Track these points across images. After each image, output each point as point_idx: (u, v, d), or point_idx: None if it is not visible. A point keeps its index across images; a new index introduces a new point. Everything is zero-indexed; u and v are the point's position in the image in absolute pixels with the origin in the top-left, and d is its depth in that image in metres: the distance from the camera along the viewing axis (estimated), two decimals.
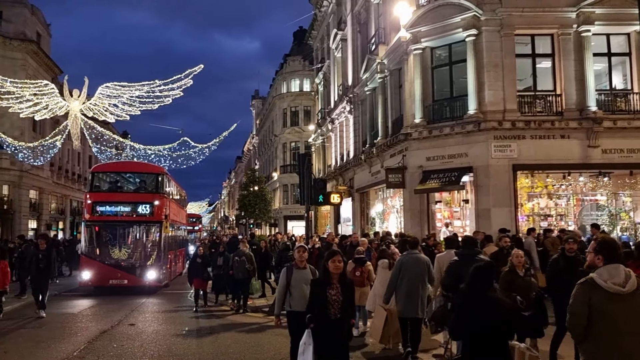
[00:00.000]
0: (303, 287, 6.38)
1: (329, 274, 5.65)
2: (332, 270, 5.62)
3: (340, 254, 5.78)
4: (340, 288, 5.58)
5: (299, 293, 6.40)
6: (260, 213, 46.97)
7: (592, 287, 3.74)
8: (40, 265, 12.75)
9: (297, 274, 6.58)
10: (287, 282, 6.54)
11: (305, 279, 6.47)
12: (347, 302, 5.64)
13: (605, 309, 3.67)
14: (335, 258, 5.67)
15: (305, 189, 14.67)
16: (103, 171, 20.36)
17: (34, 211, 43.45)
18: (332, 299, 5.51)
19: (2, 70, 37.92)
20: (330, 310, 5.49)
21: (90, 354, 8.84)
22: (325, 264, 5.69)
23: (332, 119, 30.73)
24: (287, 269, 6.69)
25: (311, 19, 37.67)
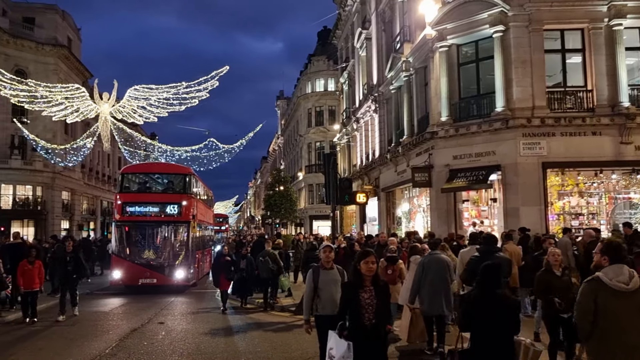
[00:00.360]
0: (331, 289, 6.04)
1: (361, 276, 5.21)
2: (365, 272, 5.19)
3: (373, 254, 5.35)
4: (374, 291, 5.16)
5: (328, 296, 6.05)
6: (285, 213, 47.15)
7: (598, 285, 3.98)
8: (68, 268, 12.60)
9: (325, 275, 6.19)
10: (314, 284, 6.13)
11: (334, 280, 6.13)
12: (382, 306, 5.21)
13: (610, 306, 3.90)
14: (368, 259, 5.21)
15: (331, 189, 14.63)
16: (132, 172, 20.74)
17: (66, 212, 44.60)
18: (365, 302, 5.09)
19: (35, 75, 39.09)
20: (364, 315, 5.07)
21: (122, 352, 9.02)
22: (357, 265, 5.25)
23: (357, 118, 30.66)
24: (313, 271, 6.28)
25: (335, 19, 37.65)
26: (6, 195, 38.96)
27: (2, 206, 38.27)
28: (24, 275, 11.74)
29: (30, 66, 40.30)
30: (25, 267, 11.75)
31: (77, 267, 12.75)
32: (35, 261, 11.98)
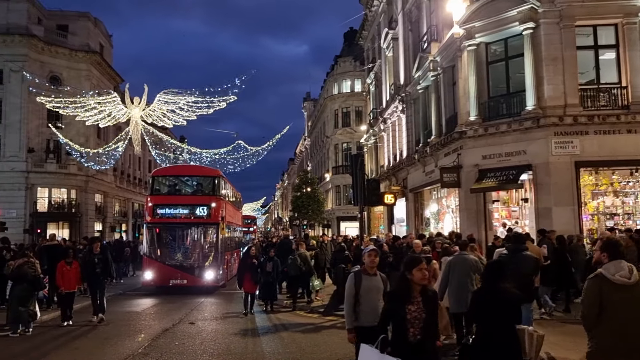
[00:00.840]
0: (373, 298, 5.54)
1: (410, 286, 4.55)
2: (418, 281, 4.53)
3: (424, 260, 4.77)
4: (422, 302, 4.51)
5: (369, 305, 5.51)
6: (313, 214, 47.29)
7: (602, 280, 4.30)
8: (96, 270, 12.19)
9: (367, 281, 5.62)
10: (355, 290, 5.59)
11: (376, 287, 5.62)
12: (430, 320, 4.54)
13: (612, 298, 4.22)
14: (421, 266, 4.54)
15: (359, 190, 14.60)
16: (163, 175, 21.12)
17: (99, 214, 45.68)
18: (412, 316, 4.45)
19: (68, 81, 40.21)
20: (410, 330, 4.45)
21: (154, 351, 9.18)
22: (407, 273, 4.58)
23: (384, 118, 30.53)
24: (355, 276, 5.70)
25: (361, 20, 37.59)
26: (42, 198, 40.14)
27: (39, 209, 39.46)
28: (62, 276, 11.80)
29: (64, 72, 41.46)
30: (63, 268, 11.81)
31: (105, 268, 12.44)
32: (73, 262, 12.02)
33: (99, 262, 12.28)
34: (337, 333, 10.75)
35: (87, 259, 12.35)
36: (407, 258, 4.95)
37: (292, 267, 14.47)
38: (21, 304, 10.73)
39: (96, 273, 12.19)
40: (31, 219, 38.10)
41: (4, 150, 38.53)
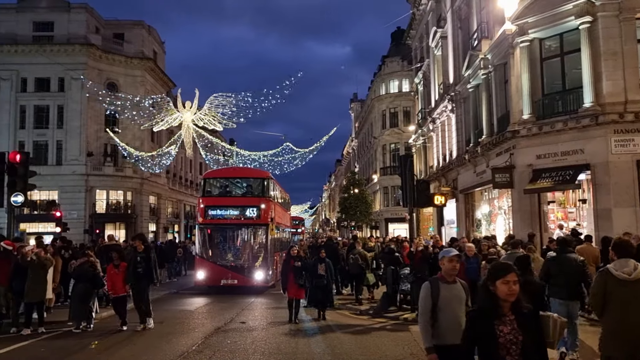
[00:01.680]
0: (455, 310, 4.70)
1: (497, 301, 3.65)
2: (503, 296, 3.62)
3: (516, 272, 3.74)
4: (517, 322, 3.62)
5: (451, 318, 4.65)
6: (361, 215, 47.14)
7: (608, 275, 5.00)
8: (138, 270, 11.25)
9: (447, 291, 4.77)
10: (432, 302, 4.73)
11: (458, 298, 4.79)
12: (531, 344, 3.61)
13: (615, 292, 4.90)
14: (508, 277, 3.63)
15: (408, 191, 14.48)
16: (214, 177, 21.62)
17: (153, 215, 47.24)
18: (505, 339, 3.58)
19: (124, 87, 41.88)
20: (505, 358, 3.57)
21: (207, 349, 9.40)
22: (490, 285, 3.70)
23: (433, 118, 30.08)
24: (431, 285, 4.83)
25: (409, 19, 37.19)
26: (100, 200, 41.92)
27: (97, 210, 41.24)
28: (111, 280, 11.43)
29: (120, 79, 43.18)
30: (111, 272, 11.39)
31: (147, 269, 11.41)
32: (120, 264, 11.43)
33: (141, 261, 11.36)
34: (387, 335, 10.68)
35: (130, 258, 11.60)
36: (492, 266, 3.99)
37: (354, 266, 14.97)
38: (82, 301, 11.24)
39: (138, 273, 11.25)
40: (90, 220, 39.85)
41: (66, 154, 40.49)
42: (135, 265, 11.30)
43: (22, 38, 40.65)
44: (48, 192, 38.79)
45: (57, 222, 26.21)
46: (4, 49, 39.94)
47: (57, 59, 38.96)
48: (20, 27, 40.90)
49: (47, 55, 38.96)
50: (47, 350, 9.45)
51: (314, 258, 13.52)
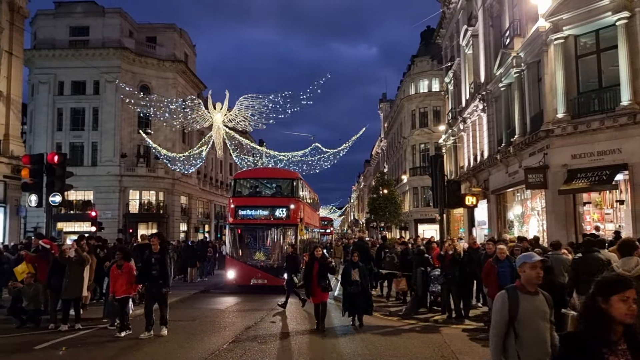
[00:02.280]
0: (538, 326, 3.97)
1: (610, 323, 2.90)
2: (620, 317, 2.90)
3: (633, 286, 3.02)
4: (629, 352, 2.88)
5: (534, 335, 3.94)
6: (390, 216, 46.82)
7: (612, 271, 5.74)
8: (153, 272, 10.31)
9: (528, 302, 4.01)
10: (510, 315, 3.97)
11: (540, 312, 4.03)
12: None
13: None
14: (627, 293, 2.91)
15: (438, 192, 14.32)
16: (244, 178, 21.81)
17: (184, 215, 47.99)
18: None
19: (156, 89, 42.67)
20: None
21: (238, 348, 9.50)
22: (602, 302, 2.95)
23: (463, 118, 29.68)
24: (508, 294, 4.06)
25: (439, 18, 36.80)
26: (133, 200, 42.83)
27: (131, 210, 42.14)
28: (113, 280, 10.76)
29: (152, 81, 44.04)
30: (114, 272, 10.69)
31: (163, 271, 10.46)
32: (124, 264, 10.62)
33: (156, 262, 10.38)
34: (417, 337, 10.59)
35: (145, 258, 10.76)
36: (604, 278, 3.14)
37: (389, 264, 15.13)
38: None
39: (152, 277, 10.33)
40: (124, 220, 40.76)
41: (100, 155, 41.52)
42: (149, 266, 10.42)
43: (60, 42, 41.88)
44: (84, 193, 39.84)
45: (92, 221, 26.87)
46: (42, 54, 41.25)
47: (93, 62, 40.00)
48: (58, 32, 42.15)
49: (83, 59, 40.04)
50: (84, 346, 9.70)
51: (347, 262, 12.40)
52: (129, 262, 10.76)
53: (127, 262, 10.70)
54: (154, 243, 10.65)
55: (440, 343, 9.87)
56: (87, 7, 43.86)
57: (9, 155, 23.94)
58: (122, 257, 10.67)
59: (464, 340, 10.17)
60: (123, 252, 10.90)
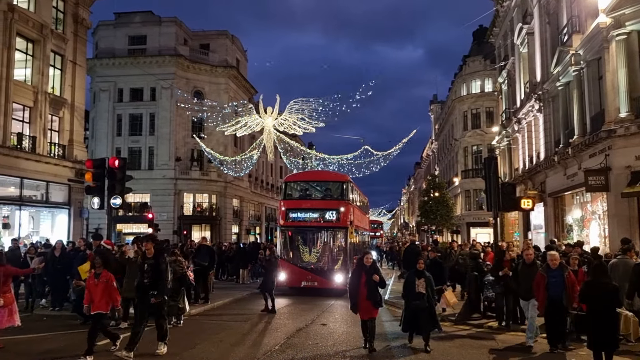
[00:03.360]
0: None
1: None
2: None
3: None
4: None
5: None
6: (441, 219, 46.04)
7: None
8: (144, 281, 8.68)
9: None
10: None
11: None
12: None
13: None
14: None
15: (492, 194, 13.94)
16: (294, 181, 22.03)
17: (236, 217, 48.93)
18: None
19: (209, 94, 43.81)
20: None
21: (290, 349, 9.59)
22: None
23: (518, 119, 28.81)
24: None
25: (491, 16, 35.92)
26: (187, 203, 44.09)
27: (184, 212, 43.38)
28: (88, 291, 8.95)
29: (206, 87, 45.24)
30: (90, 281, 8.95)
31: (157, 280, 8.71)
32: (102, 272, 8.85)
33: (149, 269, 8.71)
34: (471, 343, 10.36)
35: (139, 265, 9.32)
36: None
37: (463, 266, 15.02)
38: (171, 298, 11.85)
39: (143, 285, 8.72)
40: (179, 222, 41.99)
41: (157, 159, 43.01)
42: (141, 274, 8.86)
43: (119, 51, 43.76)
44: (141, 195, 41.33)
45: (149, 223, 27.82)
46: (103, 62, 43.22)
47: (149, 69, 41.55)
48: (117, 41, 44.06)
49: (141, 67, 41.66)
50: (142, 343, 10.04)
51: (410, 271, 10.22)
52: (110, 271, 9.04)
53: (108, 270, 8.98)
54: (147, 247, 8.93)
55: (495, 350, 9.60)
56: (145, 16, 45.63)
57: (73, 160, 25.22)
58: (102, 264, 8.94)
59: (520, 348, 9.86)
60: (103, 258, 9.11)
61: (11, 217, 22.66)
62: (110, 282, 8.81)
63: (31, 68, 23.79)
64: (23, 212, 23.39)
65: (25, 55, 23.51)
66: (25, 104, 23.24)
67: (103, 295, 8.65)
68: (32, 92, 23.47)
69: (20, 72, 23.30)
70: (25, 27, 23.01)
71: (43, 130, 23.82)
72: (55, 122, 25.17)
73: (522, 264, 10.40)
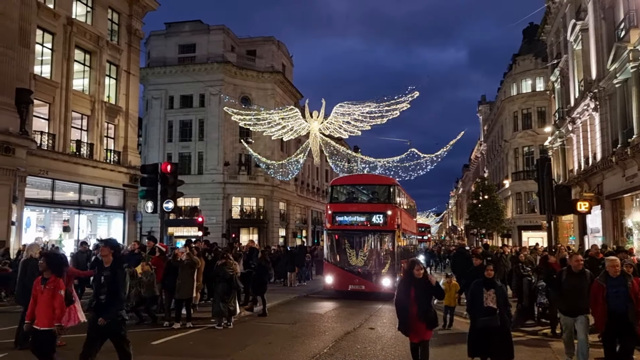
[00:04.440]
0: None
1: None
2: None
3: None
4: None
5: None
6: (492, 223, 44.92)
7: None
8: (99, 298, 6.75)
9: None
10: None
11: None
12: None
13: None
14: None
15: (546, 197, 13.50)
16: (341, 184, 22.04)
17: (283, 221, 49.45)
18: None
19: (256, 100, 44.49)
20: None
21: (338, 352, 9.60)
22: None
23: (572, 118, 27.78)
24: None
25: (543, 14, 34.83)
26: (236, 206, 44.92)
27: (233, 216, 44.19)
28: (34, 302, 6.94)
29: (252, 93, 46.02)
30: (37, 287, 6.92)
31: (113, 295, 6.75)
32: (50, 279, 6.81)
33: (106, 282, 6.78)
34: (525, 350, 10.03)
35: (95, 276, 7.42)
36: None
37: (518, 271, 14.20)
38: (222, 300, 12.11)
39: (98, 302, 6.77)
40: (227, 225, 42.81)
41: (206, 164, 44.06)
42: (98, 287, 6.92)
43: (170, 60, 45.18)
44: (191, 199, 42.42)
45: (199, 226, 28.51)
46: (155, 71, 44.72)
47: (198, 77, 42.67)
48: (168, 50, 45.52)
49: (190, 74, 42.85)
50: (195, 344, 10.33)
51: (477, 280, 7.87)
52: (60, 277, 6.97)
53: (57, 275, 6.91)
54: (104, 254, 7.05)
55: (550, 358, 9.30)
56: (194, 25, 46.91)
57: (127, 165, 26.21)
58: (46, 266, 6.95)
59: None
60: (47, 259, 7.16)
61: (71, 221, 23.78)
62: (56, 290, 6.71)
63: (88, 78, 24.95)
64: (82, 215, 24.50)
65: (83, 66, 24.67)
66: (84, 112, 24.37)
67: (47, 307, 6.67)
68: (89, 101, 24.59)
69: (78, 82, 24.47)
70: (83, 39, 24.15)
71: (100, 138, 24.89)
72: (111, 130, 26.26)
73: (568, 272, 8.42)
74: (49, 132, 22.32)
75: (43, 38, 22.35)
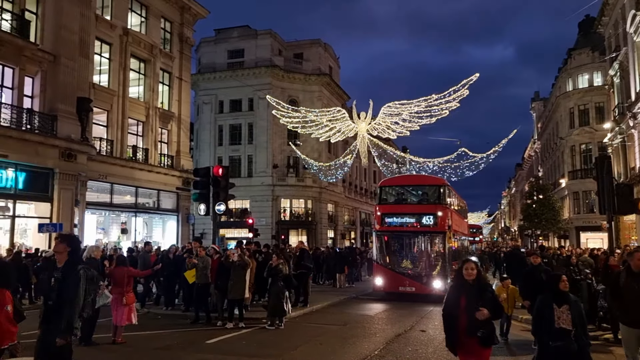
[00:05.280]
0: None
1: None
2: None
3: None
4: None
5: None
6: (547, 224, 43.39)
7: None
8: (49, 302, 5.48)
9: None
10: None
11: None
12: None
13: None
14: None
15: (606, 196, 12.93)
16: (389, 185, 21.89)
17: (331, 222, 49.58)
18: None
19: (303, 102, 44.83)
20: None
21: (389, 354, 9.53)
22: None
23: (633, 113, 26.47)
24: None
25: (600, 5, 33.39)
26: (284, 208, 45.40)
27: (282, 217, 44.68)
28: None
29: (300, 95, 46.42)
30: None
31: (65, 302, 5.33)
32: None
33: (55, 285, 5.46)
34: None
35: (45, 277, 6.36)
36: None
37: None
38: (279, 299, 12.29)
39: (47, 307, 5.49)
40: (277, 227, 43.34)
41: (255, 167, 44.80)
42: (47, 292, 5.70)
43: (219, 65, 46.26)
44: (241, 202, 43.17)
45: (249, 228, 28.98)
46: (206, 77, 45.88)
47: (247, 81, 43.47)
48: (218, 56, 46.62)
49: (239, 79, 43.71)
50: (247, 343, 10.52)
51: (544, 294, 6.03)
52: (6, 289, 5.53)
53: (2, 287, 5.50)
54: (57, 251, 5.70)
55: None
56: (242, 31, 47.82)
57: (180, 169, 27.02)
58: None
59: None
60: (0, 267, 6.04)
61: (128, 223, 24.73)
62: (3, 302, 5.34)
63: (143, 85, 25.91)
64: (138, 218, 25.44)
65: (138, 74, 25.65)
66: (139, 119, 25.32)
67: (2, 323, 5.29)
68: (144, 107, 25.53)
69: (134, 89, 25.48)
70: (138, 48, 25.11)
71: (154, 143, 25.78)
72: (165, 135, 27.16)
73: (627, 274, 7.02)
74: (107, 138, 23.34)
75: (101, 48, 23.42)
